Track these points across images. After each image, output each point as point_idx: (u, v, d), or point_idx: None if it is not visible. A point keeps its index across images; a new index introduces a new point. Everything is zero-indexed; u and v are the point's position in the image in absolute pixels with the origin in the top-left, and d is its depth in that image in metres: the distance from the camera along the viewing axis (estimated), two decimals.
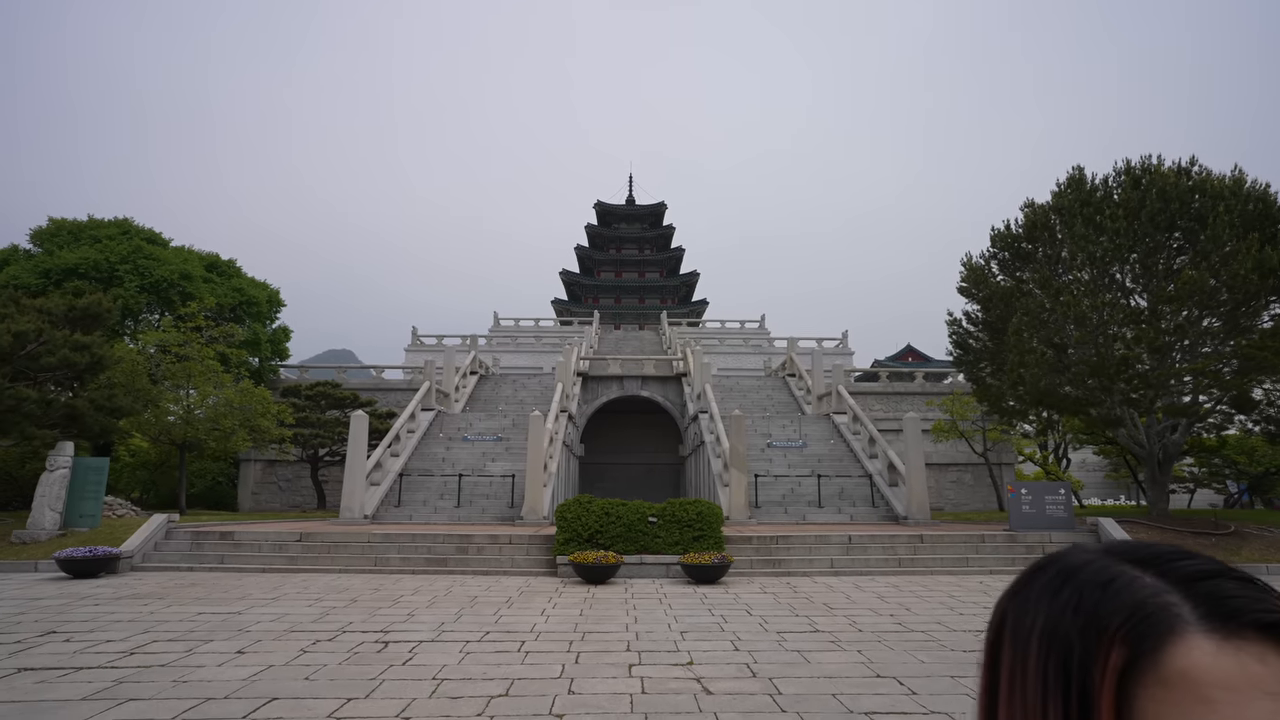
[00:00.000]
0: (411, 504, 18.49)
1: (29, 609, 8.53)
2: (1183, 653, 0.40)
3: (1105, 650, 0.42)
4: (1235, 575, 0.44)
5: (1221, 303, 13.01)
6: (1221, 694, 0.39)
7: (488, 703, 4.97)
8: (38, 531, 13.23)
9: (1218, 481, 27.88)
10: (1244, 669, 0.40)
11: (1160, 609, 0.42)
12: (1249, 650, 0.40)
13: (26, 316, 13.52)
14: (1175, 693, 0.40)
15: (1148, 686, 0.40)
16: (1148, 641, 0.41)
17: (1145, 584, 0.43)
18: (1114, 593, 0.43)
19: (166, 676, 5.62)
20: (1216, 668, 0.40)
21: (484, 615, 8.37)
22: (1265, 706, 0.39)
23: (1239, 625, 0.41)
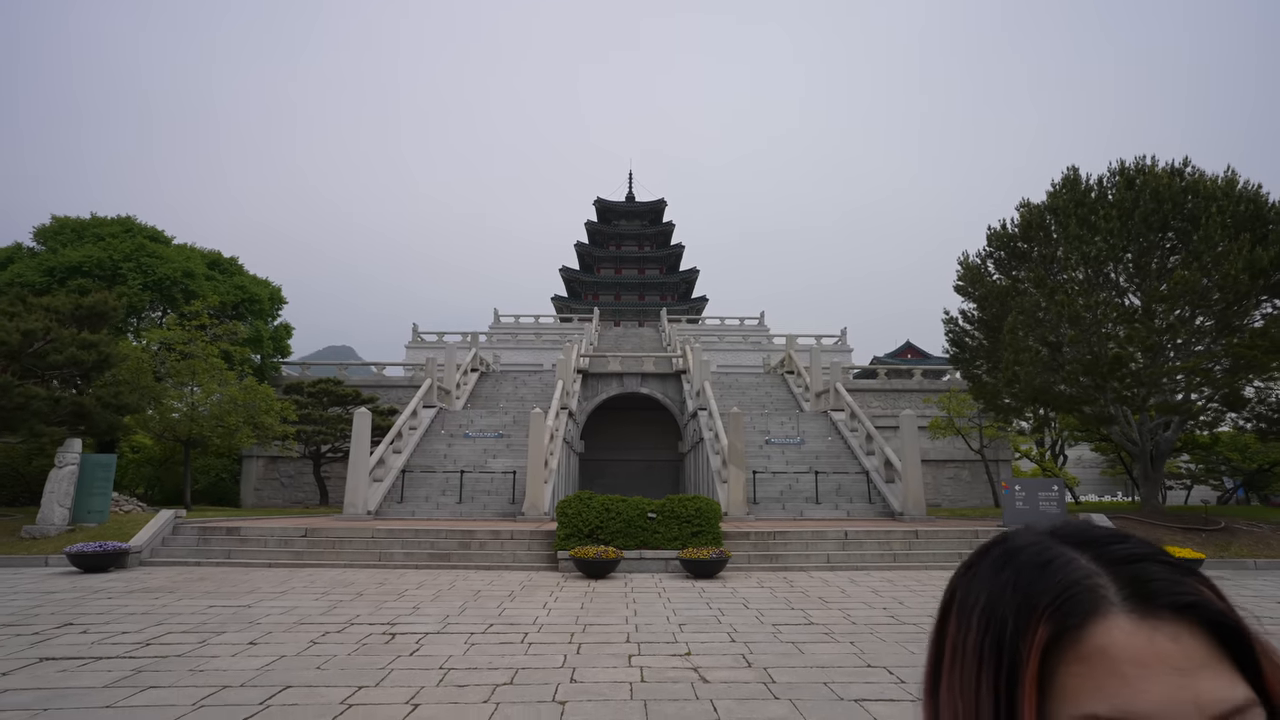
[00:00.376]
0: (414, 500, 18.72)
1: (44, 602, 8.75)
2: (1103, 631, 0.44)
3: (1034, 627, 0.45)
4: (1162, 559, 0.47)
5: (1213, 302, 13.21)
6: (1133, 669, 0.42)
7: (493, 690, 5.18)
8: (47, 527, 13.45)
9: (1214, 478, 28.15)
10: (1156, 647, 0.43)
11: (1088, 589, 0.45)
12: (1164, 630, 0.43)
13: (34, 315, 13.71)
14: (1092, 667, 0.43)
15: (1068, 662, 0.43)
16: (1072, 619, 0.44)
17: (1079, 566, 0.47)
18: (1049, 573, 0.47)
19: (183, 666, 5.84)
20: (1131, 645, 0.43)
21: (487, 608, 8.59)
22: (1173, 681, 0.42)
23: (1156, 606, 0.44)
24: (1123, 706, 0.41)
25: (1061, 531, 0.50)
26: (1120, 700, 0.42)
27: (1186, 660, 0.43)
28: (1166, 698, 0.41)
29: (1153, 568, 0.46)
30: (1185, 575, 0.46)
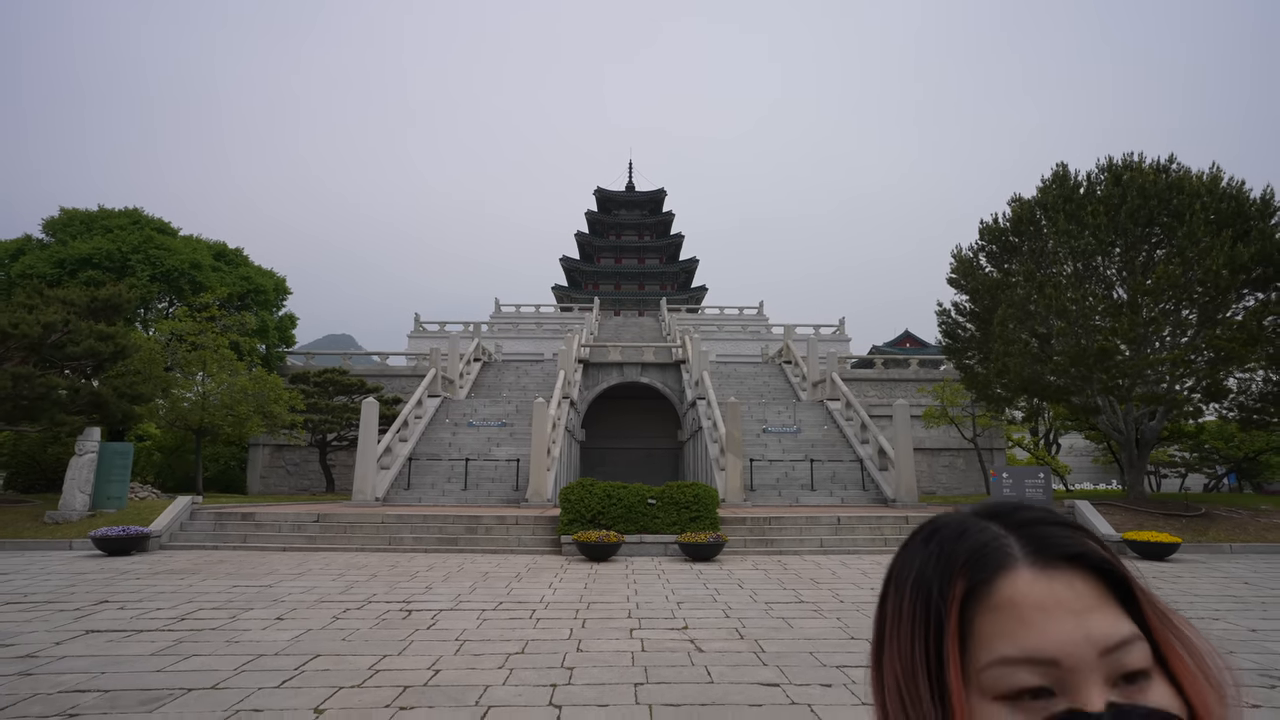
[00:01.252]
0: (420, 487, 19.22)
1: (77, 582, 9.25)
2: (1009, 582, 0.50)
3: (953, 584, 0.51)
4: (1058, 520, 0.54)
5: (1196, 296, 13.62)
6: (1036, 614, 0.48)
7: (507, 658, 5.68)
8: (69, 513, 13.94)
9: (1208, 466, 28.67)
10: (1054, 593, 0.49)
11: (996, 549, 0.52)
12: (1060, 578, 0.49)
13: (51, 307, 14.13)
14: (1002, 615, 0.49)
15: (983, 612, 0.50)
16: (983, 573, 0.50)
17: (989, 531, 0.53)
18: (965, 540, 0.53)
19: (219, 638, 6.33)
20: (1033, 593, 0.49)
21: (496, 588, 9.09)
22: (1069, 622, 0.48)
23: (1052, 557, 0.50)
24: (1028, 646, 0.47)
25: (979, 509, 0.57)
26: (1026, 641, 0.48)
27: (1079, 603, 0.49)
28: (1064, 636, 0.47)
29: (1049, 528, 0.53)
30: (1075, 531, 0.53)
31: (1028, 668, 0.48)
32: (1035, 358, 15.46)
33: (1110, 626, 0.49)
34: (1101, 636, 0.48)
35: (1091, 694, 0.47)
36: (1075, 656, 0.48)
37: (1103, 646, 0.48)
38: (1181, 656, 0.50)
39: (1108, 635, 0.49)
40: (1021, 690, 0.48)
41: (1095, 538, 0.54)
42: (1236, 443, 22.99)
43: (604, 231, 69.02)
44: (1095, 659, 0.48)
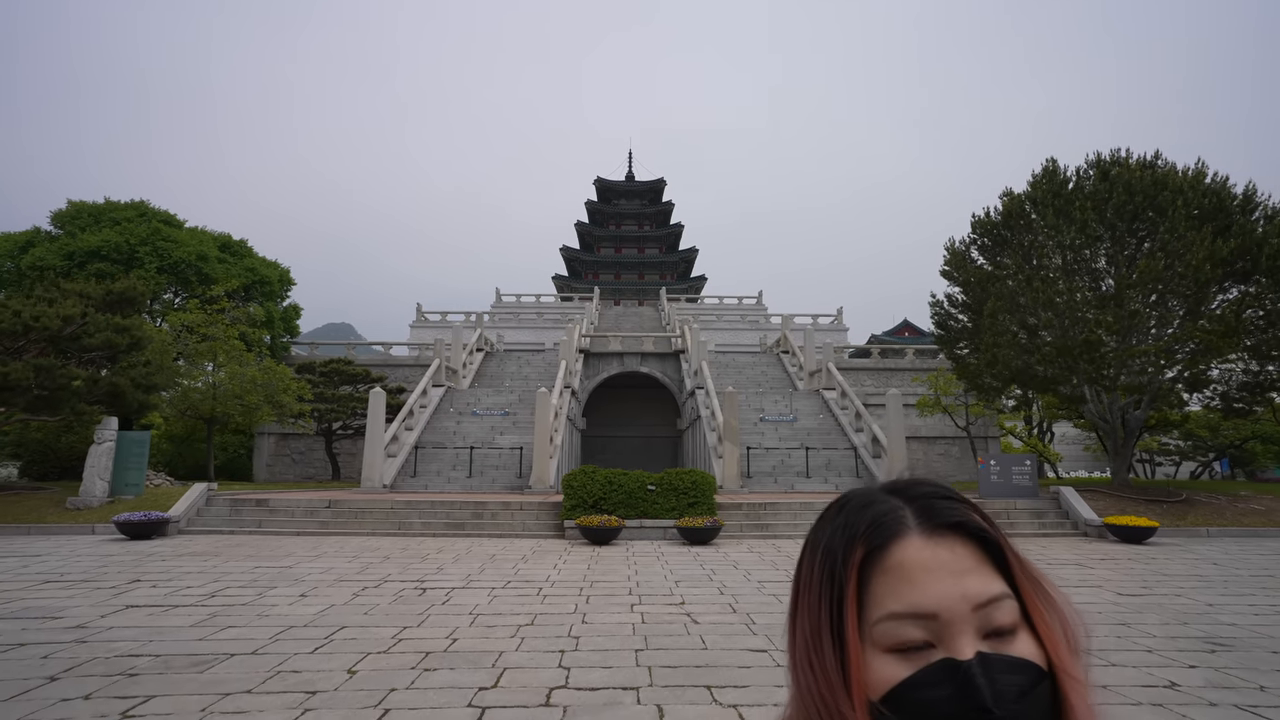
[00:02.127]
0: (426, 474, 19.74)
1: (107, 564, 9.76)
2: (900, 548, 0.58)
3: (853, 550, 0.59)
4: (949, 495, 0.61)
5: (1178, 290, 14.04)
6: (921, 574, 0.56)
7: (518, 629, 6.18)
8: (89, 499, 14.45)
9: (1200, 455, 29.21)
10: (937, 556, 0.57)
11: (893, 518, 0.59)
12: (944, 544, 0.58)
13: (69, 301, 14.55)
14: (892, 576, 0.57)
15: (877, 574, 0.58)
16: (879, 540, 0.58)
17: (889, 503, 0.61)
18: (867, 511, 0.61)
19: (250, 612, 6.83)
20: (920, 557, 0.57)
21: (504, 569, 9.61)
22: (949, 581, 0.56)
23: (939, 525, 0.58)
24: (912, 602, 0.55)
25: (885, 484, 0.63)
26: (911, 598, 0.55)
27: (959, 564, 0.56)
28: (943, 593, 0.55)
29: (939, 500, 0.60)
30: (961, 503, 0.60)
31: (912, 622, 0.55)
32: (1024, 349, 15.91)
33: (983, 586, 0.56)
34: (975, 594, 0.56)
35: (964, 645, 0.54)
36: (951, 611, 0.55)
37: (976, 603, 0.55)
38: (1044, 614, 0.58)
39: (981, 593, 0.56)
40: (905, 642, 0.55)
41: (979, 510, 0.61)
42: (1223, 431, 23.47)
43: (604, 221, 69.19)
44: (969, 614, 0.55)
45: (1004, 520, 14.62)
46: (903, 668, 0.55)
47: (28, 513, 14.05)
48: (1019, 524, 14.56)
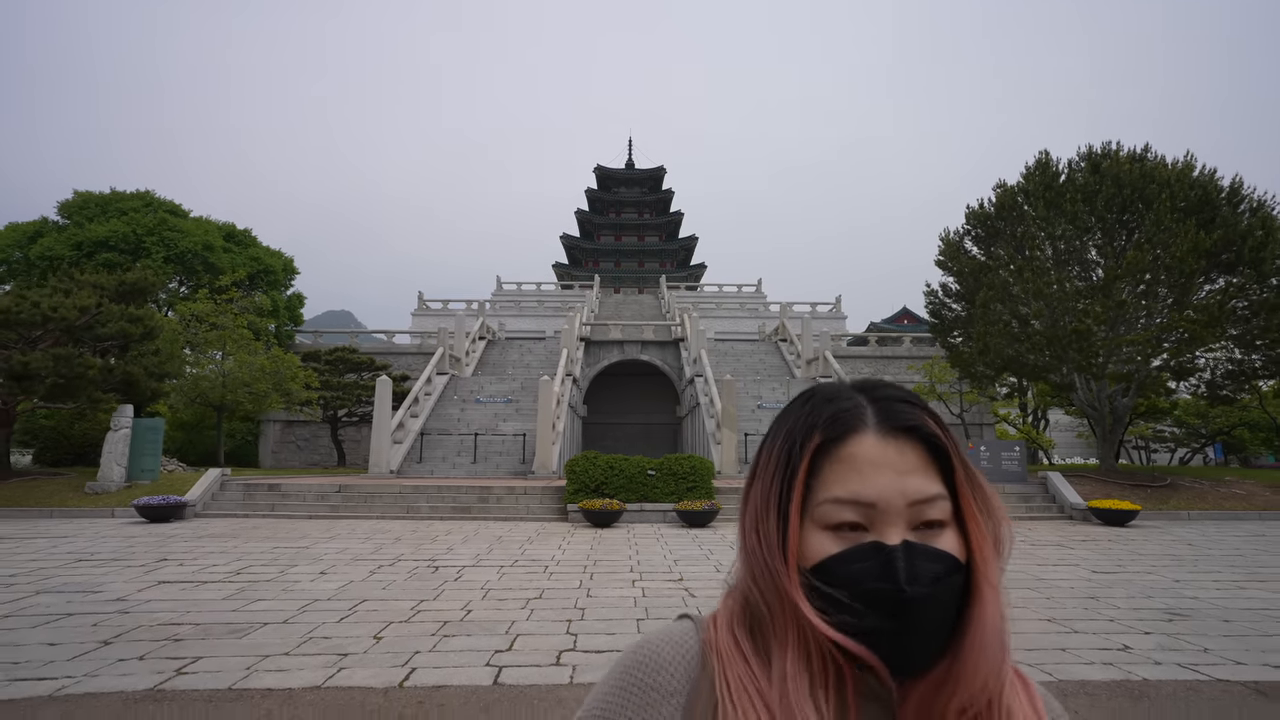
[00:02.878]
0: (432, 460, 20.22)
1: (133, 544, 10.23)
2: (856, 442, 0.64)
3: (811, 437, 0.65)
4: (910, 400, 0.67)
5: (1163, 281, 14.41)
6: (867, 468, 0.63)
7: (527, 602, 6.64)
8: (107, 484, 14.92)
9: (1195, 441, 29.69)
10: (887, 455, 0.63)
11: (854, 414, 0.65)
12: (895, 444, 0.64)
13: (84, 291, 14.93)
14: (843, 466, 0.64)
15: (830, 461, 0.64)
16: (836, 432, 0.65)
17: (854, 400, 0.67)
18: (832, 404, 0.67)
19: (275, 587, 7.29)
20: (871, 453, 0.63)
21: (511, 549, 10.08)
22: (892, 478, 0.62)
23: (894, 427, 0.64)
24: (855, 490, 0.62)
25: (855, 382, 0.70)
26: (855, 487, 0.62)
27: (905, 464, 0.63)
28: (884, 487, 0.62)
29: (899, 404, 0.66)
30: (920, 410, 0.66)
31: (851, 507, 0.62)
32: (1015, 337, 16.32)
33: (922, 485, 0.62)
34: (913, 492, 0.62)
35: (893, 532, 0.61)
36: (888, 503, 0.61)
37: (911, 499, 0.61)
38: (976, 516, 0.63)
39: (918, 491, 0.62)
40: (842, 523, 0.62)
41: (935, 416, 0.66)
42: (1211, 419, 23.91)
43: (604, 209, 69.29)
44: (903, 507, 0.61)
45: None
46: (835, 544, 0.63)
47: (49, 496, 14.53)
48: (1008, 507, 14.74)
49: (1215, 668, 4.74)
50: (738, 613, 0.68)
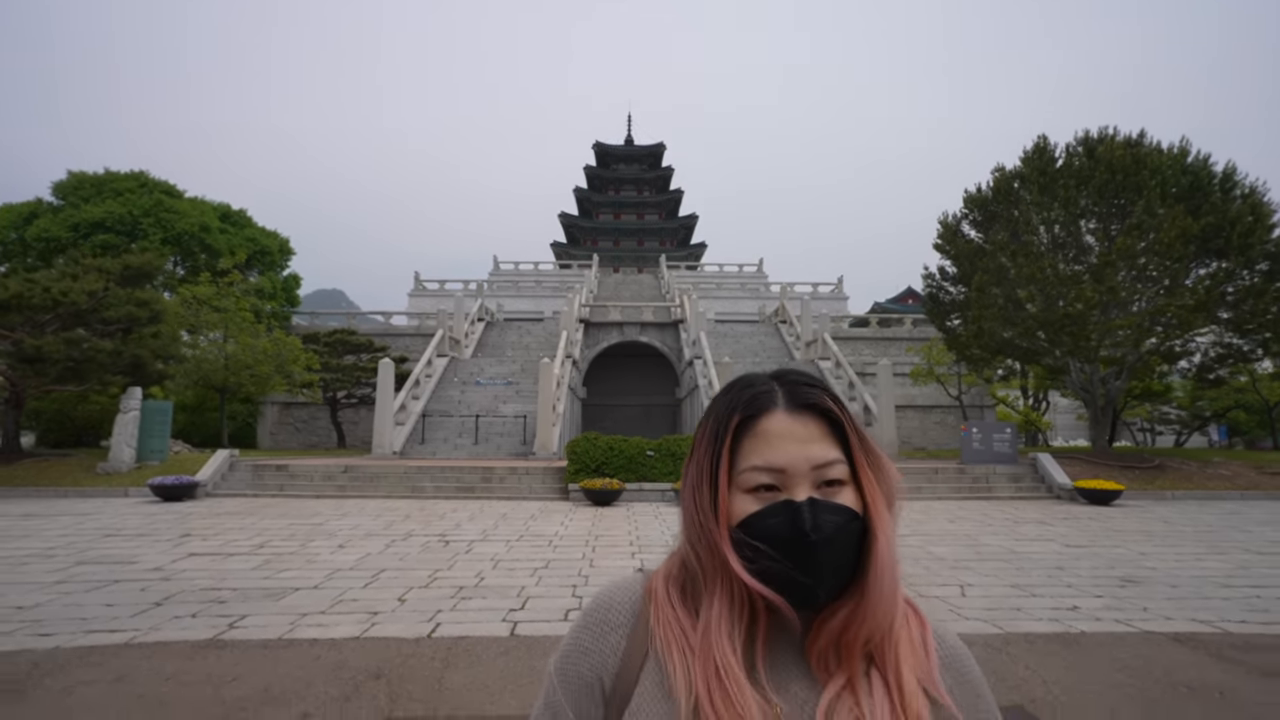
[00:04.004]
0: (434, 441, 20.63)
1: (154, 521, 10.62)
2: (768, 419, 0.77)
3: (733, 417, 0.78)
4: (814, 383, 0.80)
5: (1152, 266, 14.74)
6: (777, 439, 0.75)
7: (534, 571, 7.06)
8: (118, 464, 15.29)
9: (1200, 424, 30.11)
10: (793, 428, 0.76)
11: (766, 397, 0.78)
12: (800, 419, 0.77)
13: (90, 276, 15.16)
14: (758, 439, 0.76)
15: (748, 436, 0.77)
16: (752, 411, 0.78)
17: (767, 385, 0.80)
18: (749, 389, 0.80)
19: (298, 559, 7.69)
20: (780, 427, 0.76)
21: (516, 525, 10.50)
22: (797, 446, 0.75)
23: (799, 405, 0.78)
24: (768, 459, 0.75)
25: (772, 372, 0.83)
26: (768, 456, 0.75)
27: (808, 435, 0.76)
28: (792, 455, 0.75)
29: (804, 387, 0.79)
30: (821, 391, 0.79)
31: (766, 472, 0.75)
32: (1009, 321, 16.67)
33: (823, 452, 0.75)
34: (815, 457, 0.75)
35: (800, 491, 0.74)
36: (795, 467, 0.74)
37: (814, 464, 0.75)
38: (869, 476, 0.77)
39: (820, 457, 0.75)
40: (759, 486, 0.75)
41: (834, 396, 0.80)
42: (1205, 401, 24.36)
43: (603, 187, 69.04)
44: (808, 471, 0.74)
45: (983, 484, 15.58)
46: (755, 504, 0.75)
47: (62, 476, 14.90)
48: (997, 487, 15.52)
49: (1147, 623, 5.23)
50: (674, 570, 0.82)
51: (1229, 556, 8.23)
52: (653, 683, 0.76)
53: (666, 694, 0.74)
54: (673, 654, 0.74)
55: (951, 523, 11.18)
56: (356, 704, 3.61)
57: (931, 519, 11.58)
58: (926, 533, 10.09)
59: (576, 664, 0.81)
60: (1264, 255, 14.47)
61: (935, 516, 11.89)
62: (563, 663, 0.82)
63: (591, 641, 0.81)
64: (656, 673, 0.76)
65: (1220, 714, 3.56)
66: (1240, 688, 3.93)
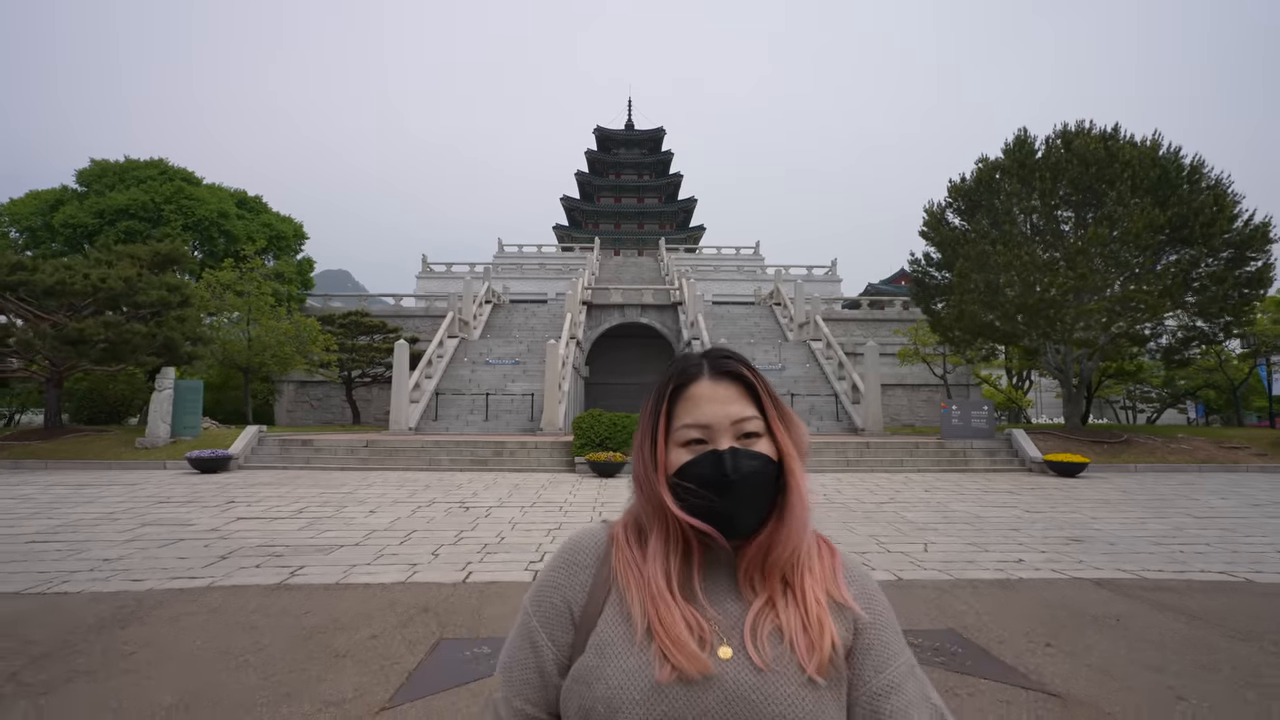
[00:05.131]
0: (446, 418, 21.69)
1: (197, 490, 11.70)
2: (695, 386, 0.93)
3: (667, 386, 0.95)
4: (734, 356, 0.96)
5: (1122, 254, 15.55)
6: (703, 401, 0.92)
7: (549, 531, 8.10)
8: (155, 439, 16.38)
9: (1179, 402, 31.16)
10: (715, 392, 0.93)
11: (694, 368, 0.95)
12: (721, 384, 0.94)
13: (124, 263, 16.10)
14: (688, 401, 0.93)
15: (680, 400, 0.94)
16: (682, 380, 0.95)
17: (695, 359, 0.97)
18: (682, 363, 0.97)
19: (337, 521, 8.74)
20: (705, 391, 0.92)
21: (528, 494, 11.56)
22: (719, 406, 0.91)
23: (720, 373, 0.94)
24: (696, 418, 0.92)
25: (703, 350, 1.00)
26: (695, 415, 0.92)
27: (728, 397, 0.92)
28: (715, 413, 0.91)
29: (725, 359, 0.96)
30: (739, 362, 0.96)
31: (695, 429, 0.92)
32: (989, 305, 17.55)
33: (740, 409, 0.92)
34: (734, 414, 0.92)
35: (723, 442, 0.91)
36: (718, 423, 0.91)
37: (733, 419, 0.91)
38: (779, 428, 0.94)
39: (738, 414, 0.92)
40: (691, 440, 0.92)
41: (750, 366, 0.96)
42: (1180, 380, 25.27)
43: (604, 171, 69.40)
44: (729, 425, 0.91)
45: (961, 458, 16.60)
46: (688, 455, 0.91)
47: (104, 450, 16.00)
48: (974, 461, 16.55)
49: (1079, 571, 6.21)
50: (630, 519, 0.98)
51: (1169, 520, 9.23)
52: (615, 610, 0.90)
53: (626, 617, 0.88)
54: (630, 586, 0.90)
55: (927, 492, 12.19)
56: (412, 629, 4.62)
57: (909, 489, 12.59)
58: (903, 501, 11.10)
59: (550, 596, 0.95)
60: (1227, 244, 15.26)
61: (913, 487, 12.90)
62: (537, 595, 0.96)
63: (564, 578, 0.95)
64: (618, 602, 0.90)
65: (1111, 633, 4.54)
66: (1135, 616, 4.91)
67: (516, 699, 0.91)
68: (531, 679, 0.91)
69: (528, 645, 0.92)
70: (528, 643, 0.93)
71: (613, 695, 0.82)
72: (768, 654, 0.84)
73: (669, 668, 0.82)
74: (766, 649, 0.85)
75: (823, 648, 0.85)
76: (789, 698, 0.82)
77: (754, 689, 0.82)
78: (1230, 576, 6.08)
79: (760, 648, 0.85)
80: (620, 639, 0.86)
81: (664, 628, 0.84)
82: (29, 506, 9.80)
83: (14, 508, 9.68)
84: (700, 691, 0.81)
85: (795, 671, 0.84)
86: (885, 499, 11.32)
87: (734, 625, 0.87)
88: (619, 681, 0.83)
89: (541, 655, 0.91)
